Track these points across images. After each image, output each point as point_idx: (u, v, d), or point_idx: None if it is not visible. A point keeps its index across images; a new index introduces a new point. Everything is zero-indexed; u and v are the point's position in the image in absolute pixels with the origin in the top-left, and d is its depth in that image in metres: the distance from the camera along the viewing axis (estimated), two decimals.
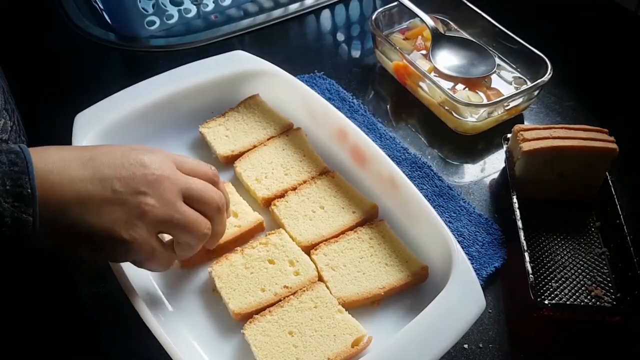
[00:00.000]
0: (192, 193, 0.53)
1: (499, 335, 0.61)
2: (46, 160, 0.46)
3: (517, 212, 0.65)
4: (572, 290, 0.63)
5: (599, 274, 0.64)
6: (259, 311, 0.59)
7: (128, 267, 0.58)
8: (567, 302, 0.62)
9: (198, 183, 0.54)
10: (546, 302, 0.62)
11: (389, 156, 0.67)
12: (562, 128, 0.68)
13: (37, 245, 0.45)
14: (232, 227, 0.64)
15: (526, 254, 0.62)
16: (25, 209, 0.43)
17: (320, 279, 0.62)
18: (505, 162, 0.73)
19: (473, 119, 0.77)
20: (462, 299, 0.55)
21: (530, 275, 0.60)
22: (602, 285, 0.63)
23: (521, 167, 0.69)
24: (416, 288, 0.62)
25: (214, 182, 0.56)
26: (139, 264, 0.54)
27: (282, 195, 0.69)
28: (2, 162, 0.44)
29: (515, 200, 0.67)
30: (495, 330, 0.62)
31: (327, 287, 0.61)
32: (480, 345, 0.61)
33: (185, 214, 0.51)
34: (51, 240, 0.47)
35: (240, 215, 0.66)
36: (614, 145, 0.66)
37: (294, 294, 0.60)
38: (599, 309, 0.62)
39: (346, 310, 0.59)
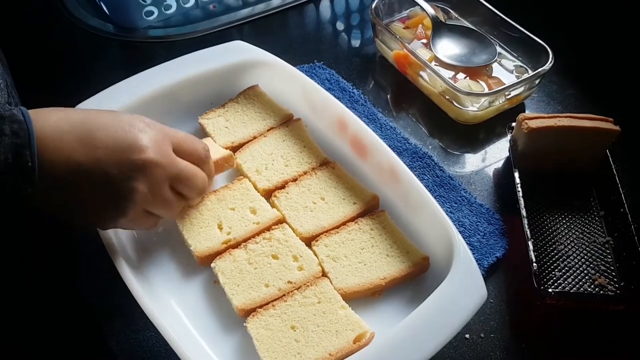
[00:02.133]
0: (181, 180, 0.57)
1: (500, 325, 0.61)
2: (47, 135, 0.47)
3: (521, 201, 0.65)
4: (576, 279, 0.63)
5: (603, 262, 0.64)
6: (263, 307, 0.59)
7: (130, 261, 0.58)
8: (571, 291, 0.62)
9: (184, 167, 0.57)
10: (550, 290, 0.61)
11: (389, 146, 0.66)
12: (567, 117, 0.68)
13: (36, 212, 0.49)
14: (250, 224, 0.64)
15: (530, 243, 0.61)
16: (24, 180, 0.46)
17: (322, 271, 0.62)
18: (509, 151, 0.73)
19: (474, 108, 0.77)
20: (463, 289, 0.55)
21: (534, 264, 0.60)
22: (606, 274, 0.63)
23: (524, 143, 0.69)
24: (417, 279, 0.62)
25: (203, 162, 0.61)
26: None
27: (282, 186, 0.68)
28: (6, 134, 0.45)
29: (519, 189, 0.66)
30: (497, 320, 0.62)
31: (328, 278, 0.61)
32: (482, 335, 0.61)
33: (168, 201, 0.56)
34: (49, 208, 0.50)
35: (259, 212, 0.65)
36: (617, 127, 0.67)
37: (297, 289, 0.60)
38: (603, 298, 0.62)
39: (347, 301, 0.59)
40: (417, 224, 0.64)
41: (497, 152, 0.77)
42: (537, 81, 0.79)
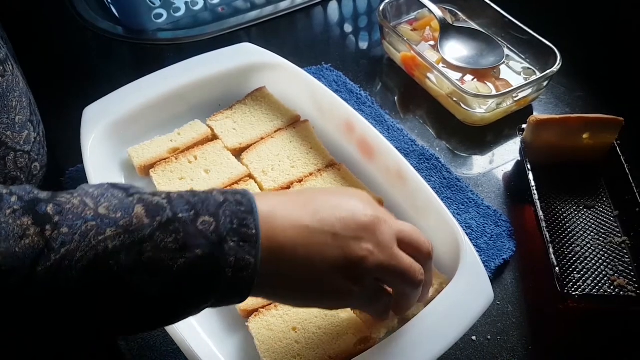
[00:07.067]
0: (406, 237, 0.50)
1: (507, 327, 0.61)
2: (267, 202, 0.45)
3: (538, 204, 0.65)
4: (595, 281, 0.62)
5: (621, 263, 0.64)
6: (265, 307, 0.59)
7: None
8: (591, 293, 0.61)
9: (409, 227, 0.51)
10: (573, 293, 0.61)
11: (396, 148, 0.66)
12: (578, 118, 0.68)
13: (251, 293, 0.43)
14: None
15: (550, 246, 0.61)
16: (249, 250, 0.42)
17: None
18: (520, 153, 0.73)
19: (482, 110, 0.77)
20: (470, 291, 0.55)
21: (556, 268, 0.59)
22: (625, 274, 0.63)
23: (531, 137, 0.70)
24: None
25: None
26: (359, 309, 0.56)
27: (288, 187, 0.69)
28: (229, 201, 0.43)
29: (535, 192, 0.66)
30: (504, 322, 0.61)
31: None
32: (489, 337, 0.60)
33: (402, 259, 0.49)
34: (268, 286, 0.45)
35: None
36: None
37: None
38: (626, 299, 0.61)
39: None
40: (424, 226, 0.64)
41: (505, 154, 0.77)
42: (545, 83, 0.78)
